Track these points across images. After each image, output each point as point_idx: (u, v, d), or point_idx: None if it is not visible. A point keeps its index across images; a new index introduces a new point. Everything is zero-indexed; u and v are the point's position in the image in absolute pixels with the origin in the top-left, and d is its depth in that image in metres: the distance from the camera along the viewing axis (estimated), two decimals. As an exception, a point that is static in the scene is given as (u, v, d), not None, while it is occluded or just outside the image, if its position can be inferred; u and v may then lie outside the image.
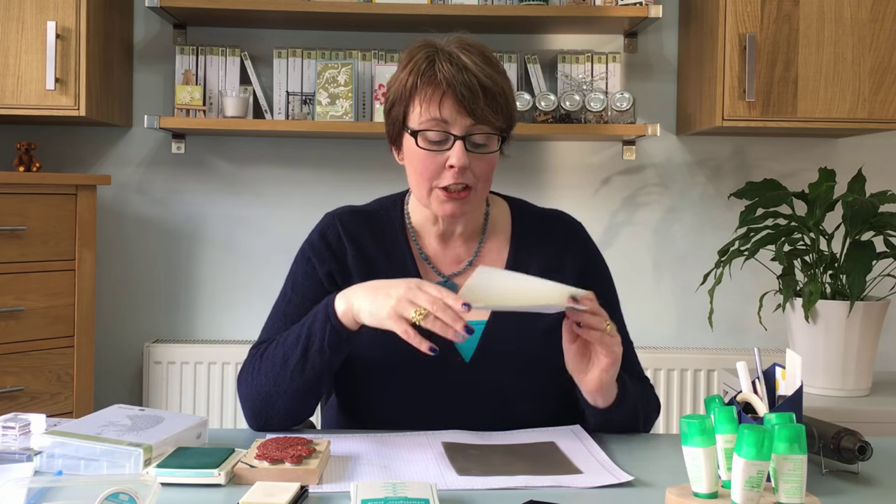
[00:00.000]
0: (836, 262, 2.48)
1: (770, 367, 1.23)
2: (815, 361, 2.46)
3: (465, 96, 1.37)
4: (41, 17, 2.59)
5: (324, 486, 1.15)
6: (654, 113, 3.01)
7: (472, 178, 1.42)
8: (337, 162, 3.01)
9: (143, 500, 0.95)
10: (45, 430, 1.23)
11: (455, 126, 1.40)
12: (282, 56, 2.86)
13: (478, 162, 1.41)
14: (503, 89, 1.42)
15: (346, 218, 1.55)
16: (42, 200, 2.52)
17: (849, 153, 3.01)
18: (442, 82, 1.39)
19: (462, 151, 1.39)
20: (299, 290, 1.53)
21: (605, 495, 1.13)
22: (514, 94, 1.49)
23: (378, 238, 1.53)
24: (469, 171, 1.41)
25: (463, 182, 1.41)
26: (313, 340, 1.37)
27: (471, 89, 1.38)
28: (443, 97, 1.39)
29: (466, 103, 1.38)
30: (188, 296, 3.01)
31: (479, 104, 1.38)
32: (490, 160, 1.44)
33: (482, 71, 1.40)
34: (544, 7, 2.77)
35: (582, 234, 1.59)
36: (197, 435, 1.31)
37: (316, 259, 1.53)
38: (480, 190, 1.45)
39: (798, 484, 0.99)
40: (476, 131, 1.40)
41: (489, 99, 1.39)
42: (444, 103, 1.39)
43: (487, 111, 1.39)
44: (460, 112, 1.39)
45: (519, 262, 1.52)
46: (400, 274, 1.46)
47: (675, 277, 3.04)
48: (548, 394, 1.49)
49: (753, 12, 2.62)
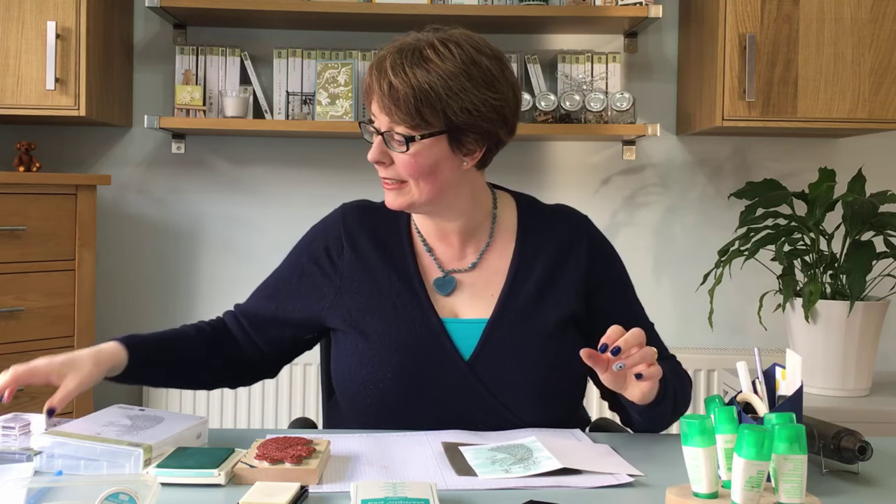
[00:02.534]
0: (836, 262, 2.48)
1: (770, 367, 1.23)
2: (815, 361, 2.46)
3: (384, 93, 1.43)
4: (41, 17, 2.59)
5: (324, 486, 1.15)
6: (654, 113, 3.01)
7: (395, 173, 1.46)
8: (337, 162, 3.01)
9: (143, 500, 0.95)
10: (45, 429, 1.23)
11: (379, 121, 1.46)
12: (282, 56, 2.86)
13: (398, 158, 1.45)
14: (426, 90, 1.40)
15: (353, 210, 1.61)
16: (42, 200, 2.52)
17: (849, 153, 3.01)
18: (374, 82, 1.45)
19: (376, 146, 1.47)
20: (282, 270, 1.61)
21: (605, 495, 1.13)
22: (476, 93, 1.42)
23: (380, 232, 1.56)
24: (392, 167, 1.46)
25: (388, 176, 1.47)
26: None
27: (387, 89, 1.42)
28: (373, 95, 1.46)
29: (385, 101, 1.43)
30: (188, 296, 3.01)
31: (392, 104, 1.42)
32: (412, 159, 1.43)
33: (418, 73, 1.41)
34: (544, 7, 2.77)
35: (588, 227, 1.59)
36: (197, 435, 1.31)
37: (324, 259, 1.56)
38: (422, 186, 1.45)
39: (798, 484, 0.99)
40: (394, 130, 1.44)
41: (402, 98, 1.40)
42: (373, 101, 1.47)
43: (397, 112, 1.42)
44: (381, 109, 1.45)
45: (524, 257, 1.53)
46: (397, 267, 1.52)
47: (675, 277, 3.04)
48: (550, 394, 1.49)
49: (753, 12, 2.63)
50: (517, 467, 1.21)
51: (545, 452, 1.25)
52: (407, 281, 1.51)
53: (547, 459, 1.22)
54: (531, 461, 1.23)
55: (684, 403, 1.51)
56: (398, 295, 1.50)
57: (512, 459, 1.24)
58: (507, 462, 1.23)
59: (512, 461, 1.24)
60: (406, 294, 1.49)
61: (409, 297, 1.49)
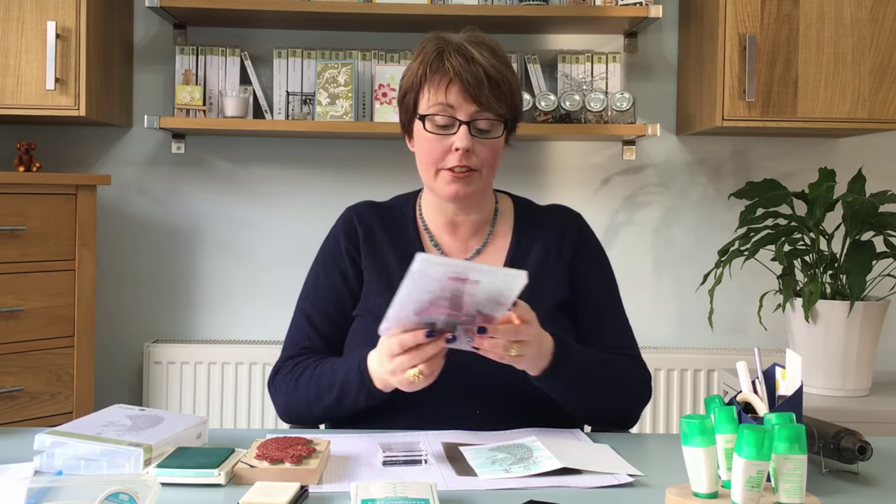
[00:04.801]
0: (836, 262, 2.48)
1: (770, 367, 1.23)
2: (815, 361, 2.46)
3: (471, 83, 1.47)
4: (41, 17, 2.59)
5: (324, 486, 1.15)
6: (654, 113, 3.01)
7: (476, 161, 1.50)
8: (337, 162, 3.01)
9: (143, 500, 0.95)
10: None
11: (460, 111, 1.49)
12: (282, 56, 2.86)
13: (482, 147, 1.50)
14: (508, 80, 1.51)
15: (362, 208, 1.65)
16: (42, 200, 2.52)
17: (849, 153, 3.00)
18: (449, 71, 1.48)
19: (466, 135, 1.48)
20: (321, 290, 1.60)
21: (605, 495, 1.13)
22: (520, 89, 1.57)
23: (389, 229, 1.62)
24: (473, 155, 1.49)
25: (467, 165, 1.49)
26: (348, 394, 1.44)
27: (476, 77, 1.47)
28: (449, 84, 1.49)
29: (471, 90, 1.47)
30: (188, 296, 3.01)
31: (484, 91, 1.47)
32: (493, 146, 1.52)
33: (488, 62, 1.49)
34: (544, 7, 2.77)
35: (578, 223, 1.65)
36: (197, 435, 1.31)
37: (344, 239, 1.60)
38: (486, 175, 1.53)
39: (798, 484, 0.99)
40: (480, 117, 1.49)
41: (493, 87, 1.48)
42: (450, 90, 1.49)
43: (492, 98, 1.48)
44: (465, 98, 1.48)
45: (520, 249, 1.60)
46: (406, 256, 1.51)
47: (675, 277, 3.04)
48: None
49: (753, 12, 2.62)
50: (517, 467, 1.21)
51: (545, 452, 1.25)
52: None
53: (547, 459, 1.22)
54: (531, 461, 1.23)
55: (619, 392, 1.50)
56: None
57: (512, 459, 1.24)
58: (507, 462, 1.23)
59: (512, 461, 1.24)
60: None
61: None
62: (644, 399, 1.56)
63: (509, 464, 1.22)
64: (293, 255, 2.96)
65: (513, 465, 1.22)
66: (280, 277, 2.98)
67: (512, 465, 1.22)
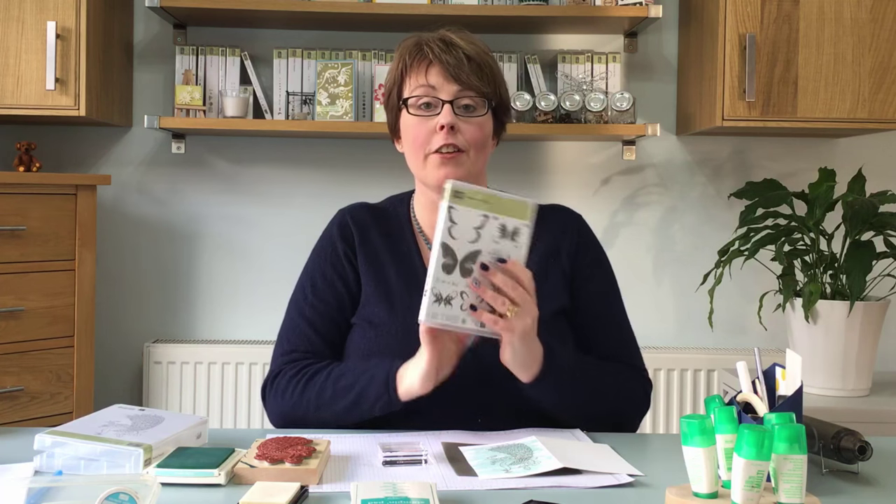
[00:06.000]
0: (836, 262, 2.48)
1: (770, 367, 1.23)
2: (815, 361, 2.46)
3: (451, 63, 1.48)
4: (41, 17, 2.59)
5: (324, 486, 1.15)
6: (654, 113, 3.01)
7: (462, 141, 1.48)
8: (337, 162, 3.01)
9: (143, 500, 0.95)
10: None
11: (442, 91, 1.49)
12: (282, 56, 2.86)
13: (467, 126, 1.49)
14: (489, 64, 1.52)
15: (356, 211, 1.63)
16: (42, 200, 2.52)
17: (849, 153, 3.01)
18: (428, 54, 1.49)
19: (450, 112, 1.48)
20: (319, 292, 1.57)
21: (605, 495, 1.13)
22: (503, 78, 1.57)
23: (384, 230, 1.60)
24: (459, 133, 1.48)
25: (453, 143, 1.47)
26: (366, 399, 1.41)
27: (456, 58, 1.48)
28: (429, 67, 1.49)
29: (451, 70, 1.48)
30: (188, 296, 3.01)
31: (464, 70, 1.48)
32: (480, 125, 1.50)
33: (468, 46, 1.50)
34: (544, 7, 2.77)
35: (578, 222, 1.64)
36: (197, 435, 1.31)
37: (341, 243, 1.58)
38: (473, 157, 1.50)
39: (798, 484, 0.99)
40: (463, 95, 1.49)
41: (474, 68, 1.49)
42: (430, 72, 1.49)
43: (472, 77, 1.48)
44: (447, 79, 1.48)
45: None
46: (402, 259, 1.55)
47: (675, 277, 3.04)
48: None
49: (753, 12, 2.63)
50: (517, 467, 1.21)
51: (545, 452, 1.25)
52: (412, 273, 1.54)
53: (547, 459, 1.22)
54: (531, 461, 1.23)
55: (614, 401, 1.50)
56: (404, 286, 1.53)
57: (512, 459, 1.24)
58: (507, 462, 1.23)
59: (512, 461, 1.24)
60: (411, 285, 1.51)
61: (414, 288, 1.49)
62: (641, 410, 1.55)
63: (509, 464, 1.22)
64: (293, 255, 2.96)
65: (513, 465, 1.22)
66: (280, 277, 2.98)
67: (512, 465, 1.22)
